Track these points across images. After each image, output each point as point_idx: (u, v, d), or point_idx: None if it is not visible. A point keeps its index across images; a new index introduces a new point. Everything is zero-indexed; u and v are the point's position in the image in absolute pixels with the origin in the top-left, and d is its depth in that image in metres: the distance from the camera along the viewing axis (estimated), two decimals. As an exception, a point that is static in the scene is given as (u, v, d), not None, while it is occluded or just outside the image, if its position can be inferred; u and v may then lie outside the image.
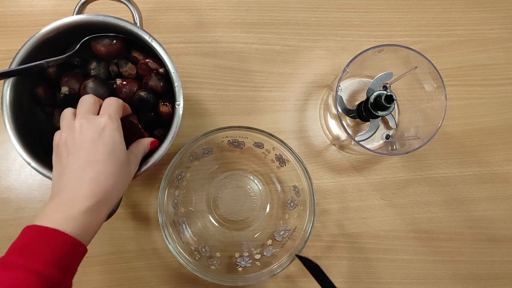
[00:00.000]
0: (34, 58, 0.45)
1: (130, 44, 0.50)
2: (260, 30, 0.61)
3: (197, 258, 0.51)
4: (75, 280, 0.56)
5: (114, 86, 0.48)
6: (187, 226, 0.55)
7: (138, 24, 0.47)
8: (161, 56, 0.46)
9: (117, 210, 0.46)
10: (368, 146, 0.53)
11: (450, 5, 0.63)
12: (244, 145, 0.56)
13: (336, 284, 0.58)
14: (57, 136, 0.40)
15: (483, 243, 0.60)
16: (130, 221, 0.57)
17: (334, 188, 0.59)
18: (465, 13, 0.63)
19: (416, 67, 0.55)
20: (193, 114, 0.59)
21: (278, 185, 0.59)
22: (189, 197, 0.58)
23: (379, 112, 0.54)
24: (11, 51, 0.45)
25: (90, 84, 0.47)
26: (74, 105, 0.50)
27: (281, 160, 0.54)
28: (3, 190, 0.57)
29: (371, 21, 0.62)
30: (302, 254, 0.47)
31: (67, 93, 0.48)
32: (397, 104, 0.61)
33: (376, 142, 0.60)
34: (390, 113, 0.56)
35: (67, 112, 0.41)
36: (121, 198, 0.46)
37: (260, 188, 0.59)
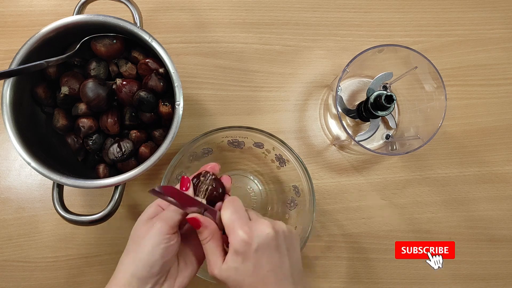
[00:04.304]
0: (34, 58, 0.45)
1: (130, 44, 0.50)
2: (260, 30, 0.61)
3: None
4: (75, 280, 0.56)
5: (114, 86, 0.48)
6: (187, 226, 0.55)
7: (138, 24, 0.47)
8: (161, 56, 0.46)
9: (117, 210, 0.46)
10: (368, 146, 0.53)
11: (450, 5, 0.63)
12: (244, 145, 0.56)
13: (336, 284, 0.58)
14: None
15: (483, 243, 0.60)
16: (130, 221, 0.57)
17: (334, 188, 0.59)
18: (465, 13, 0.63)
19: (416, 67, 0.55)
20: (193, 114, 0.59)
21: (278, 185, 0.58)
22: (189, 197, 0.57)
23: (379, 112, 0.54)
24: (11, 51, 0.45)
25: (90, 84, 0.47)
26: (73, 105, 0.50)
27: (281, 160, 0.54)
28: (3, 190, 0.57)
29: (371, 21, 0.62)
30: (302, 253, 0.47)
31: (67, 93, 0.48)
32: (397, 104, 0.61)
33: (376, 142, 0.60)
34: (390, 113, 0.56)
35: None
36: (121, 198, 0.46)
37: (260, 188, 0.59)
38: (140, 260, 0.34)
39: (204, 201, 0.37)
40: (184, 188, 0.37)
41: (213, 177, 0.38)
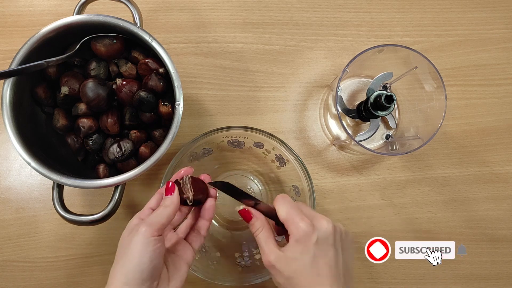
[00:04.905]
0: (34, 58, 0.45)
1: (130, 44, 0.50)
2: (260, 30, 0.61)
3: (197, 258, 0.51)
4: (75, 280, 0.56)
5: (114, 86, 0.48)
6: (187, 226, 0.55)
7: (138, 24, 0.47)
8: (161, 56, 0.46)
9: (117, 210, 0.46)
10: (368, 146, 0.53)
11: (450, 5, 0.63)
12: (244, 145, 0.56)
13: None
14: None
15: (483, 243, 0.60)
16: (130, 221, 0.57)
17: (334, 188, 0.59)
18: (465, 13, 0.63)
19: (416, 67, 0.55)
20: (193, 114, 0.59)
21: (278, 185, 0.58)
22: (189, 197, 0.57)
23: (379, 112, 0.54)
24: (11, 51, 0.45)
25: (90, 84, 0.47)
26: (73, 105, 0.50)
27: (281, 160, 0.54)
28: (3, 190, 0.57)
29: (371, 21, 0.62)
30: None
31: (67, 93, 0.48)
32: (397, 104, 0.61)
33: (376, 142, 0.60)
34: (390, 113, 0.56)
35: None
36: (121, 198, 0.46)
37: (260, 188, 0.59)
38: (130, 266, 0.34)
39: (191, 195, 0.38)
40: (170, 193, 0.38)
41: (190, 176, 0.40)
